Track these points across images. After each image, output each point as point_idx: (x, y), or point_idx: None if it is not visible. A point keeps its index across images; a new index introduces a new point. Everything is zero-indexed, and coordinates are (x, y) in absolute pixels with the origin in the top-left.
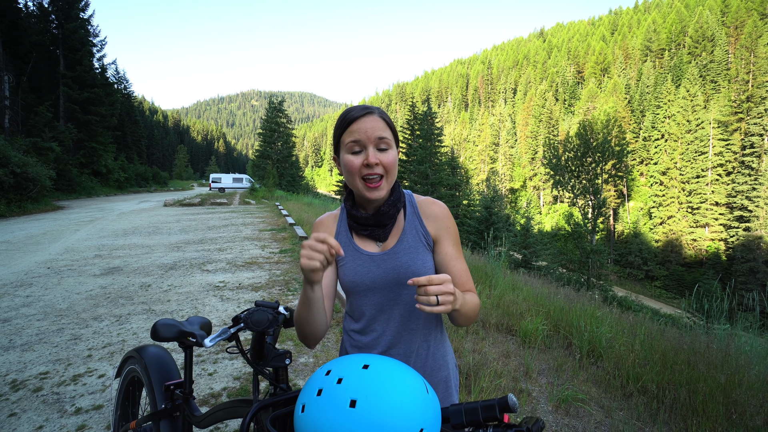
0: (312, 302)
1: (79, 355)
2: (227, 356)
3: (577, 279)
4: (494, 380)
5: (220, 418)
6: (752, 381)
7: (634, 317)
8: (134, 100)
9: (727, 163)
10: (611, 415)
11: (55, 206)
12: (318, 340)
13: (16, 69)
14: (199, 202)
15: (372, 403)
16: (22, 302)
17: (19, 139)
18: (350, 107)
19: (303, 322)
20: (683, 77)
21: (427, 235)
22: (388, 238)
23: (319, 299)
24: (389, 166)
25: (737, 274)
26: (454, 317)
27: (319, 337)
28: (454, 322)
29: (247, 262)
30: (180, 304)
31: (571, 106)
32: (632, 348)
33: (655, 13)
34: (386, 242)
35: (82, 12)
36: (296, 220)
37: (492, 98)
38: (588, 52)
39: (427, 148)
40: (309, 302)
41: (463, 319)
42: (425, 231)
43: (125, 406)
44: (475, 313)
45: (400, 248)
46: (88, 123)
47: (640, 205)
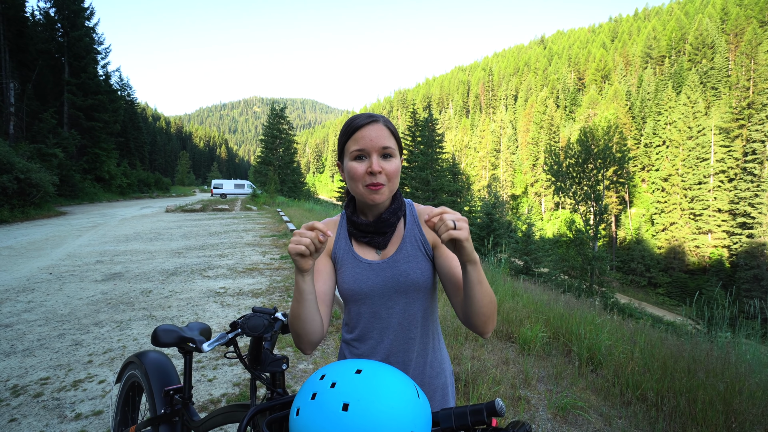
0: (303, 294)
1: (80, 360)
2: (227, 362)
3: (578, 286)
4: (493, 387)
5: (218, 423)
6: (753, 389)
7: (634, 325)
8: (137, 107)
9: (729, 170)
10: (610, 423)
11: (57, 212)
12: (313, 343)
13: (21, 76)
14: (200, 208)
15: (364, 407)
16: (24, 308)
17: (23, 146)
18: (356, 115)
19: (296, 319)
20: (684, 84)
21: (426, 243)
22: (387, 246)
23: (310, 291)
24: (392, 174)
25: (741, 282)
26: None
27: (314, 340)
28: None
29: (248, 269)
30: (181, 310)
31: (572, 113)
32: (632, 356)
33: (655, 20)
34: (385, 250)
35: (87, 20)
36: (297, 226)
37: (493, 105)
38: (588, 59)
39: (428, 154)
40: (301, 295)
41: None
42: (424, 239)
43: (125, 411)
44: (494, 298)
45: (400, 257)
46: (91, 129)
47: (642, 211)
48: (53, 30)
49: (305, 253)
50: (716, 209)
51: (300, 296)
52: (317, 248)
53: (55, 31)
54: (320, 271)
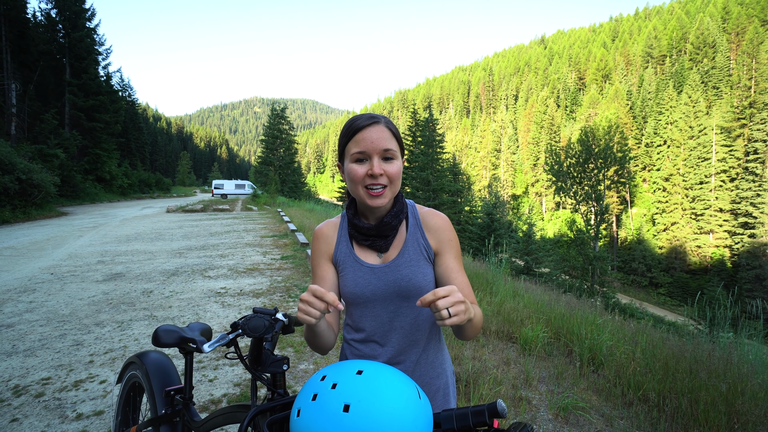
0: (316, 330)
1: (81, 360)
2: (228, 363)
3: (579, 286)
4: (494, 388)
5: (218, 424)
6: (756, 390)
7: (635, 325)
8: (138, 107)
9: (730, 169)
10: (612, 424)
11: (59, 212)
12: (329, 348)
13: (23, 77)
14: (201, 209)
15: (365, 408)
16: (26, 308)
17: (24, 146)
18: (356, 115)
19: (311, 342)
20: (685, 83)
21: (428, 248)
22: (389, 250)
23: (323, 327)
24: (393, 176)
25: (743, 282)
26: (464, 329)
27: (330, 346)
28: (461, 335)
29: (249, 269)
30: (181, 310)
31: (573, 113)
32: (633, 356)
33: (656, 19)
34: (387, 254)
35: (88, 21)
36: (298, 226)
37: (493, 105)
38: (589, 59)
39: (428, 154)
40: (314, 331)
41: (472, 330)
42: (426, 243)
43: (126, 411)
44: (480, 324)
45: (402, 261)
46: (92, 130)
47: (643, 211)
48: (54, 31)
49: (314, 324)
50: (718, 209)
51: (313, 332)
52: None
53: (56, 32)
54: (323, 278)
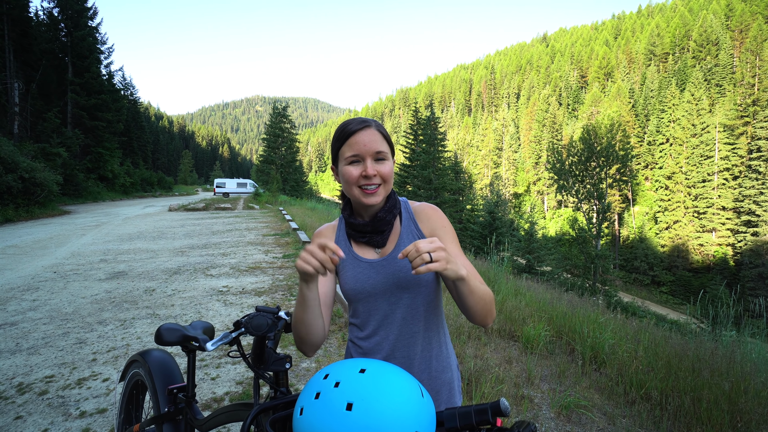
0: (308, 301)
1: (84, 358)
2: (230, 361)
3: (581, 284)
4: (496, 386)
5: (221, 422)
6: (759, 388)
7: (638, 323)
8: (140, 106)
9: (733, 167)
10: (614, 422)
11: (61, 211)
12: (315, 346)
13: (25, 76)
14: (203, 207)
15: (368, 407)
16: (29, 306)
17: (27, 145)
18: (348, 120)
19: (299, 323)
20: (688, 81)
21: (423, 237)
22: (386, 244)
23: (314, 299)
24: (386, 176)
25: (745, 280)
26: (465, 298)
27: (317, 343)
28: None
29: (251, 267)
30: (184, 308)
31: (575, 111)
32: (635, 354)
33: (659, 17)
34: (384, 248)
35: (90, 20)
36: (300, 225)
37: (495, 103)
38: (591, 57)
39: (430, 152)
40: (305, 301)
41: (476, 299)
42: (420, 233)
43: (129, 409)
44: (490, 299)
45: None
46: (94, 129)
47: (646, 209)
48: (57, 30)
49: (313, 273)
50: (720, 207)
51: (304, 303)
52: (327, 268)
53: (58, 31)
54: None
